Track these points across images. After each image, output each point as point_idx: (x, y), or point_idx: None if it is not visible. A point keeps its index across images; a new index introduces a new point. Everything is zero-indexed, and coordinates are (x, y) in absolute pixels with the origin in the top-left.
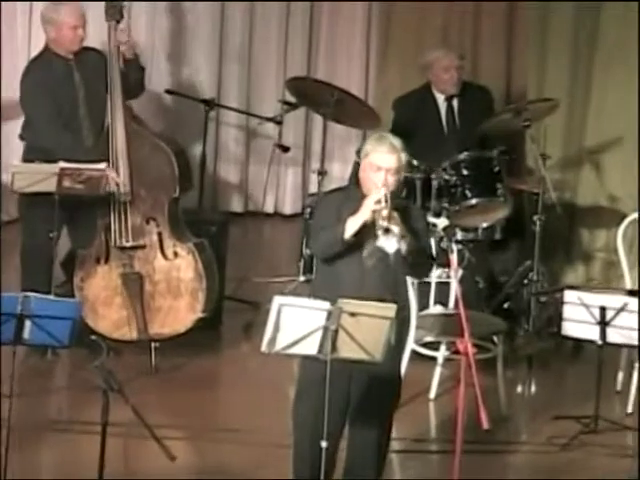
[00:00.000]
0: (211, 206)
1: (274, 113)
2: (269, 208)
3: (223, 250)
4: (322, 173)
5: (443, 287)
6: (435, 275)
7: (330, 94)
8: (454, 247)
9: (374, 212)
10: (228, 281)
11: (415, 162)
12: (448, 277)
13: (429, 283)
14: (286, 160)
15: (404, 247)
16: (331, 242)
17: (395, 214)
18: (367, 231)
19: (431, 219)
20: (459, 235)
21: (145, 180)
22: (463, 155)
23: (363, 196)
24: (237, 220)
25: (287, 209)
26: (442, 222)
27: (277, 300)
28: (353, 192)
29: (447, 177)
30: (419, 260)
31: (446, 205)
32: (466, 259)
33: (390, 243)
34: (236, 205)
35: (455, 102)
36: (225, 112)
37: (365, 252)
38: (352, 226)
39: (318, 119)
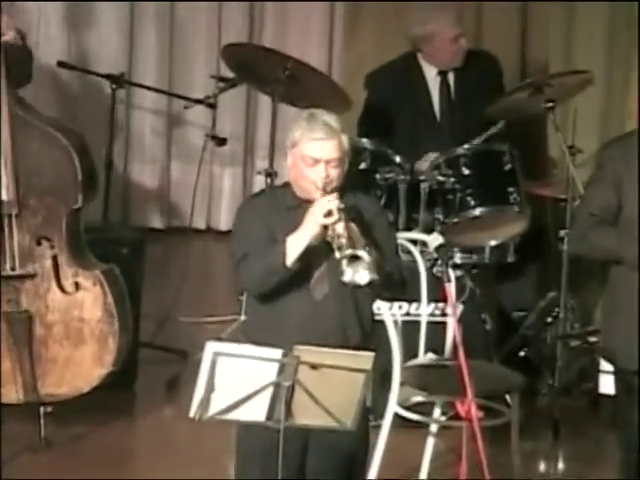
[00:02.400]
0: (121, 220)
1: (205, 93)
2: (199, 223)
3: (138, 280)
4: (270, 175)
5: (437, 328)
6: (426, 312)
7: (281, 67)
8: (451, 274)
9: (324, 228)
10: (145, 321)
11: (397, 159)
12: (444, 314)
13: (417, 323)
14: (222, 157)
15: (377, 276)
16: (267, 272)
17: (353, 226)
18: (313, 251)
19: (419, 236)
20: (458, 257)
21: (36, 185)
22: (463, 149)
23: (299, 200)
24: (156, 239)
25: (223, 224)
26: (434, 240)
27: (211, 347)
28: (285, 195)
29: (441, 179)
30: (387, 287)
31: (440, 217)
32: (468, 290)
33: (361, 275)
34: (155, 219)
35: (451, 76)
36: (139, 92)
37: (313, 280)
38: (294, 249)
39: (265, 101)
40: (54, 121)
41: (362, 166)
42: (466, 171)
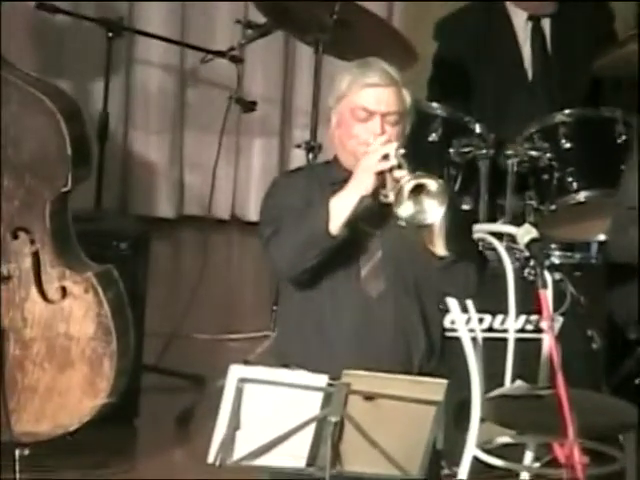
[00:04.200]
0: (120, 208)
1: (228, 43)
2: (221, 211)
3: (142, 285)
4: (313, 148)
5: (529, 348)
6: (515, 327)
7: (328, 9)
8: (548, 277)
9: (380, 176)
10: (151, 339)
11: (477, 128)
12: (538, 330)
13: (503, 341)
14: (251, 126)
15: (442, 233)
16: (305, 243)
17: (419, 173)
18: (365, 231)
19: (505, 228)
20: (556, 256)
21: (12, 161)
22: (562, 115)
23: (346, 174)
24: (165, 232)
25: (252, 213)
26: (525, 233)
27: (235, 372)
28: (328, 171)
29: (535, 154)
30: (461, 265)
31: (533, 203)
32: (569, 298)
33: (427, 210)
34: (163, 206)
35: (546, 23)
36: (143, 43)
37: (365, 272)
38: (341, 209)
39: (306, 54)
40: (37, 81)
41: (432, 137)
42: (567, 144)
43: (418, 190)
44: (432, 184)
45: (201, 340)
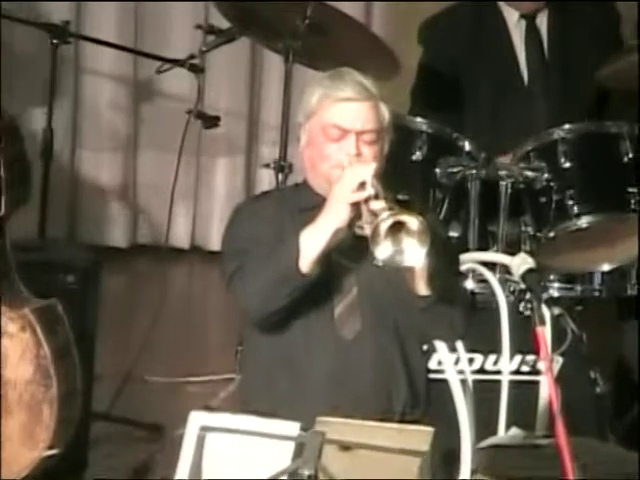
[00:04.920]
0: (66, 236)
1: (188, 51)
2: (180, 239)
3: (90, 321)
4: (283, 168)
5: (524, 391)
6: (509, 368)
7: (299, 12)
8: (546, 313)
9: (354, 208)
10: (100, 382)
11: (467, 145)
12: (535, 372)
13: (496, 383)
14: (213, 144)
15: (425, 271)
16: (274, 282)
17: (396, 206)
18: (339, 264)
19: (499, 257)
20: (555, 289)
21: None
22: (562, 130)
23: (318, 199)
24: (118, 262)
25: (215, 241)
26: (521, 263)
27: (196, 420)
28: (298, 195)
29: (531, 174)
30: (447, 306)
31: (529, 230)
32: (570, 336)
33: (407, 252)
34: (115, 234)
35: (543, 22)
36: (92, 50)
37: (339, 310)
38: (312, 245)
39: (275, 63)
40: None
41: (416, 156)
42: (567, 163)
43: (397, 228)
44: (412, 222)
45: (158, 384)
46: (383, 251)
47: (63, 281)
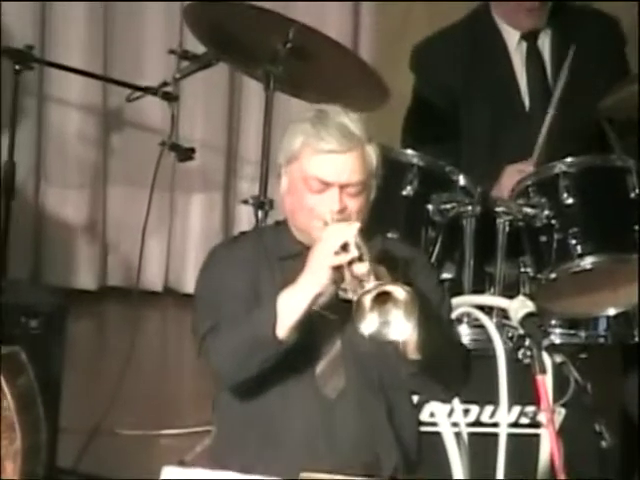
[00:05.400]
0: (30, 278)
1: (161, 78)
2: (154, 281)
3: (56, 370)
4: (263, 205)
5: (523, 444)
6: (507, 420)
7: (281, 36)
8: (547, 360)
9: (336, 271)
10: (67, 435)
11: (461, 180)
12: (534, 424)
13: (494, 437)
14: (188, 178)
15: (414, 334)
16: (249, 348)
17: (382, 269)
18: (320, 320)
19: (495, 301)
20: (557, 335)
21: None
22: (564, 164)
23: (299, 246)
24: (86, 306)
25: (190, 283)
26: (520, 306)
27: (169, 475)
28: (278, 239)
29: (529, 211)
30: (436, 376)
31: (528, 270)
32: (573, 386)
33: (393, 325)
34: (84, 276)
35: (546, 45)
36: (58, 77)
37: (320, 368)
38: (291, 310)
39: (255, 90)
40: None
41: (406, 191)
42: (569, 199)
43: (383, 297)
44: (398, 292)
45: (129, 437)
46: (369, 325)
47: (26, 326)
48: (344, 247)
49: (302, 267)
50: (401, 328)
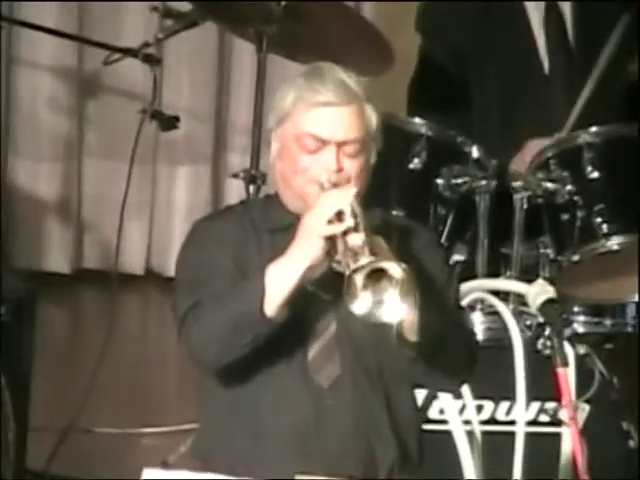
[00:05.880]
0: None
1: (142, 38)
2: (133, 264)
3: (25, 360)
4: (255, 179)
5: (543, 444)
6: (524, 418)
7: None
8: (569, 352)
9: (329, 242)
10: (37, 434)
11: (474, 152)
12: (555, 422)
13: (510, 435)
14: (172, 150)
15: (412, 315)
16: (234, 326)
17: (380, 241)
18: (313, 299)
19: (512, 285)
20: (580, 323)
21: None
22: (588, 134)
23: (290, 217)
24: (58, 291)
25: (174, 265)
26: (539, 292)
27: (151, 478)
28: (267, 211)
29: (551, 186)
30: (441, 363)
31: (549, 252)
32: (598, 380)
33: (388, 306)
34: (55, 258)
35: (567, 8)
36: (29, 37)
37: (312, 353)
38: (280, 284)
39: (246, 53)
40: None
41: (414, 164)
42: (594, 173)
43: (377, 275)
44: (394, 269)
45: (106, 436)
46: (361, 305)
47: None
48: (339, 215)
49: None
50: (395, 309)
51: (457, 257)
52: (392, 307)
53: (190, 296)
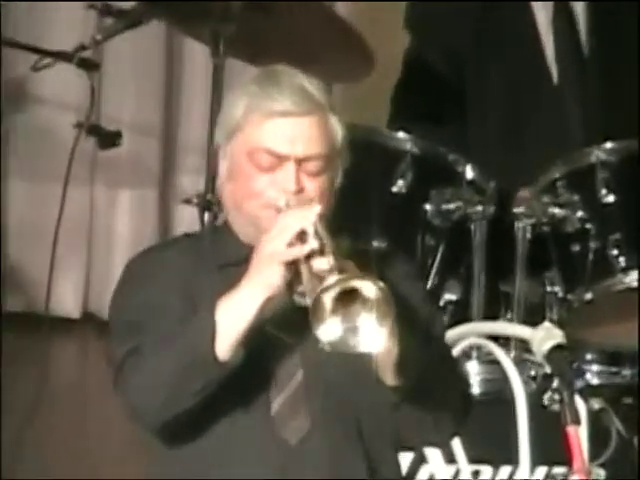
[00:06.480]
0: None
1: (76, 40)
2: (68, 305)
3: None
4: (210, 205)
5: None
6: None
7: None
8: (581, 407)
9: (291, 268)
10: None
11: (469, 172)
12: None
13: None
14: (114, 170)
15: (392, 347)
16: (180, 373)
17: (351, 264)
18: (274, 338)
19: (513, 329)
20: (594, 374)
21: None
22: (603, 150)
23: (244, 250)
24: None
25: None
26: (545, 336)
27: None
28: (218, 242)
29: (559, 212)
30: (431, 397)
31: (556, 290)
32: (615, 440)
33: (363, 334)
34: None
35: (579, 6)
36: None
37: (277, 406)
38: (234, 322)
39: (200, 57)
40: None
41: (398, 187)
42: (609, 196)
43: (349, 297)
44: (369, 288)
45: None
46: (329, 331)
47: None
48: (301, 237)
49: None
50: (373, 336)
51: (449, 296)
52: (368, 334)
53: (128, 340)
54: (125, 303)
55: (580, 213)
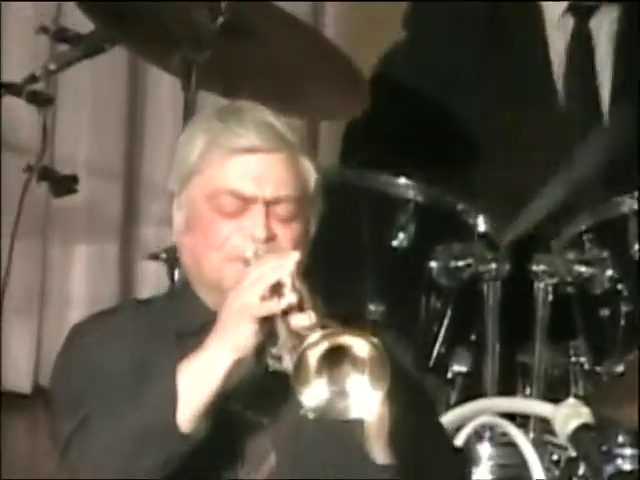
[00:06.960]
0: None
1: (27, 69)
2: (18, 379)
3: None
4: (179, 260)
5: None
6: None
7: (208, 8)
8: None
9: (266, 325)
10: None
11: (480, 224)
12: None
13: None
14: (69, 220)
15: (384, 415)
16: (134, 449)
17: (334, 322)
18: (241, 416)
19: (532, 406)
20: (627, 458)
21: None
22: (635, 199)
23: (206, 315)
24: None
25: None
26: (570, 414)
27: None
28: (178, 307)
29: (584, 270)
30: (420, 472)
31: (582, 361)
32: None
33: (358, 393)
34: None
35: (604, 25)
36: None
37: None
38: (198, 389)
39: (167, 89)
40: None
41: (398, 241)
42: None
43: (336, 356)
44: (360, 346)
45: None
46: (314, 395)
47: None
48: (275, 289)
49: None
50: (364, 401)
51: (458, 367)
52: (359, 398)
53: (74, 415)
54: (68, 372)
55: (610, 271)
